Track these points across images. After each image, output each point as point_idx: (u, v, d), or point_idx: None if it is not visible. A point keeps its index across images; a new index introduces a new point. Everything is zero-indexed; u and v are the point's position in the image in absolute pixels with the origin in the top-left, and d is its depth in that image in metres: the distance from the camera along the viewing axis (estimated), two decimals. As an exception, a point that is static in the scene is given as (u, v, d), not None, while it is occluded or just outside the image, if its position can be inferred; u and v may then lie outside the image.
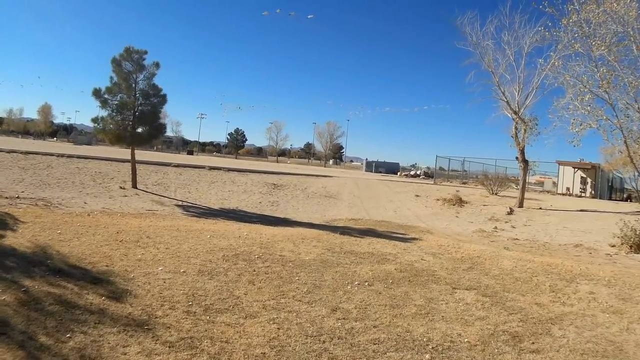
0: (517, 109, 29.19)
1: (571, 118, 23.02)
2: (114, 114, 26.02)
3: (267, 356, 7.10)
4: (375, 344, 7.72)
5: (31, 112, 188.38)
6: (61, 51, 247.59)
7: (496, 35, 29.78)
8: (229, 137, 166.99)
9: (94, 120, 26.42)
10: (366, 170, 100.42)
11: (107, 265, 11.05)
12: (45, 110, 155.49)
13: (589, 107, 21.87)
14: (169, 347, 7.16)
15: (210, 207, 24.57)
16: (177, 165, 37.66)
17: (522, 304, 10.35)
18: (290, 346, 7.48)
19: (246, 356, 7.05)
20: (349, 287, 10.88)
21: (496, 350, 7.76)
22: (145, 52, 26.00)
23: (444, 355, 7.48)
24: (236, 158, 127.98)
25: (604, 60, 21.05)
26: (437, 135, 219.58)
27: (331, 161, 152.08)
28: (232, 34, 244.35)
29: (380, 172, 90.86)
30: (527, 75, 29.29)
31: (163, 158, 47.83)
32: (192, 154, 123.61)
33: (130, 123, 26.07)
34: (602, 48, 20.34)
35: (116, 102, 25.82)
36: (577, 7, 21.16)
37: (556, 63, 24.76)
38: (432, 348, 7.71)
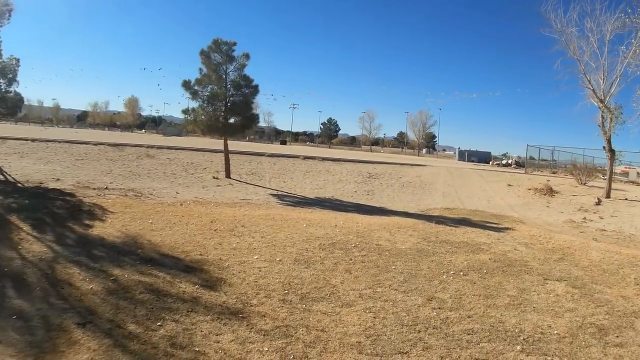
0: (602, 97, 28.01)
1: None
2: (204, 105, 26.47)
3: (363, 345, 7.16)
4: (469, 334, 7.74)
5: (117, 106, 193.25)
6: (149, 43, 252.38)
7: (579, 22, 28.68)
8: (322, 127, 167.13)
9: (185, 111, 27.00)
10: (459, 160, 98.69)
11: (200, 254, 11.21)
12: (132, 103, 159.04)
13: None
14: (264, 335, 7.24)
15: (305, 196, 24.57)
16: (271, 155, 38.05)
17: (609, 296, 10.17)
18: (385, 335, 7.53)
19: (342, 345, 7.14)
20: (444, 277, 10.83)
21: (583, 343, 7.67)
22: (234, 44, 26.22)
23: (534, 347, 7.43)
24: (329, 147, 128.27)
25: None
26: (527, 124, 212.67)
27: (424, 150, 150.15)
28: (322, 22, 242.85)
29: (473, 161, 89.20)
30: (611, 63, 27.99)
31: (256, 148, 48.38)
32: (285, 143, 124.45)
33: (222, 114, 26.46)
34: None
35: (207, 94, 26.20)
36: None
37: (637, 50, 23.75)
38: (524, 339, 7.67)
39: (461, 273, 11.19)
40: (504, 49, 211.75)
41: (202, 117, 26.37)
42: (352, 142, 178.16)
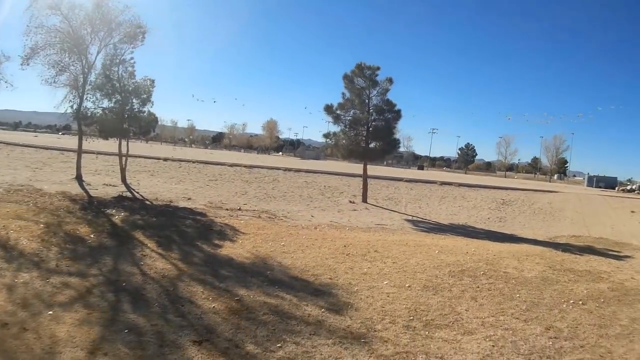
0: None
1: None
2: (346, 129, 27.07)
3: None
4: (579, 365, 7.67)
5: (255, 128, 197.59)
6: (289, 69, 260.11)
7: None
8: (459, 152, 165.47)
9: (327, 135, 27.74)
10: (587, 185, 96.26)
11: (330, 278, 11.43)
12: (271, 126, 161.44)
13: None
14: None
15: (439, 222, 24.59)
16: (409, 181, 38.85)
17: None
18: None
19: None
20: (564, 306, 10.72)
21: None
22: (378, 68, 26.66)
23: None
24: (465, 173, 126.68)
25: None
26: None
27: (555, 176, 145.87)
28: (462, 47, 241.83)
29: (600, 187, 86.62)
30: None
31: (394, 173, 49.16)
32: (422, 169, 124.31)
33: (364, 138, 26.85)
34: None
35: (349, 118, 26.81)
36: None
37: None
38: None
39: (580, 302, 11.04)
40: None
41: (344, 141, 27.01)
42: (487, 167, 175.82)
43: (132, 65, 24.32)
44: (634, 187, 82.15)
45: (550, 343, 8.50)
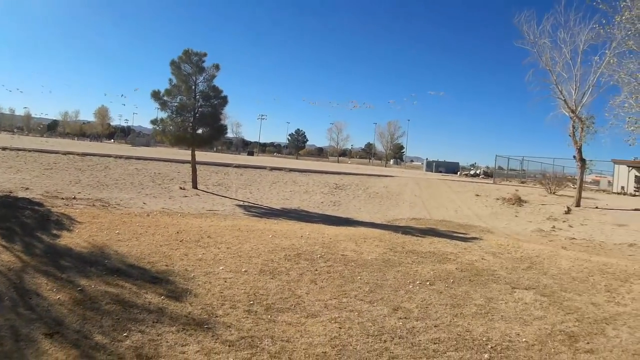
0: (574, 108, 28.61)
1: (626, 116, 22.46)
2: (173, 115, 26.46)
3: (328, 355, 7.19)
4: (435, 344, 7.78)
5: (87, 115, 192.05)
6: (119, 53, 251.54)
7: (552, 33, 29.30)
8: (289, 138, 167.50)
9: (154, 122, 27.12)
10: (426, 170, 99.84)
11: (166, 265, 11.27)
12: (102, 113, 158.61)
13: (641, 106, 21.22)
14: (229, 346, 7.28)
15: (271, 207, 24.69)
16: (238, 166, 38.16)
17: (579, 303, 10.30)
18: (351, 345, 7.56)
19: (307, 355, 7.16)
20: (410, 287, 10.91)
21: (553, 350, 7.74)
22: (205, 55, 26.32)
23: (502, 355, 7.49)
24: (297, 158, 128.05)
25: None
26: (497, 135, 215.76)
27: (392, 161, 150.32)
28: (289, 34, 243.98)
29: (441, 172, 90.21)
30: (584, 73, 28.68)
31: (224, 159, 48.27)
32: (252, 154, 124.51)
33: (191, 124, 26.48)
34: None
35: (176, 104, 26.23)
36: (630, 4, 20.50)
37: (611, 61, 24.24)
38: (491, 348, 7.73)
39: (427, 283, 11.29)
40: (477, 59, 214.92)
41: (171, 127, 26.36)
42: (319, 153, 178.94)
43: None
44: (477, 171, 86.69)
45: (401, 323, 8.59)
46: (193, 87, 26.15)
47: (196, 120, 26.36)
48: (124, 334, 7.35)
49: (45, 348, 6.75)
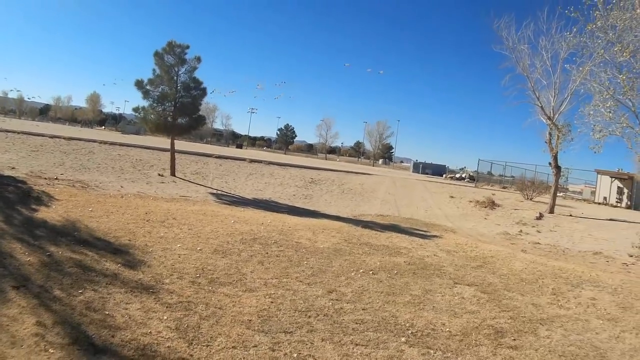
0: (551, 115, 28.77)
1: (594, 124, 22.84)
2: (155, 104, 27.04)
3: (252, 322, 7.93)
4: (357, 324, 8.34)
5: (79, 101, 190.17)
6: (112, 41, 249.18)
7: (533, 39, 29.27)
8: (278, 133, 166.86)
9: (135, 109, 27.59)
10: (414, 171, 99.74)
11: (129, 240, 12.11)
12: (94, 99, 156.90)
13: (610, 114, 21.54)
14: (167, 307, 8.20)
15: (243, 197, 25.31)
16: (219, 157, 38.54)
17: (518, 303, 10.58)
18: (277, 317, 8.26)
19: (233, 320, 7.95)
20: (352, 274, 11.45)
21: (474, 341, 8.09)
22: (187, 47, 26.95)
23: (420, 340, 7.93)
24: (285, 153, 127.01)
25: (630, 67, 20.70)
26: (484, 140, 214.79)
27: (380, 161, 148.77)
28: (280, 26, 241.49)
29: (427, 174, 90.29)
30: (563, 81, 28.81)
31: (211, 150, 48.52)
32: (241, 147, 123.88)
33: (171, 114, 27.07)
34: (626, 54, 19.91)
35: (157, 93, 26.79)
36: (603, 13, 20.80)
37: (586, 69, 24.53)
38: (411, 333, 8.19)
39: (371, 272, 11.83)
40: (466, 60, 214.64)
41: (152, 116, 26.98)
42: (309, 149, 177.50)
43: None
44: (463, 175, 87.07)
45: (330, 304, 9.23)
46: (175, 77, 26.74)
47: (176, 109, 26.96)
48: (80, 291, 8.34)
49: (11, 297, 7.77)
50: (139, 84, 26.35)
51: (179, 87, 26.92)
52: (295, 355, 7.02)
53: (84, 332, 7.03)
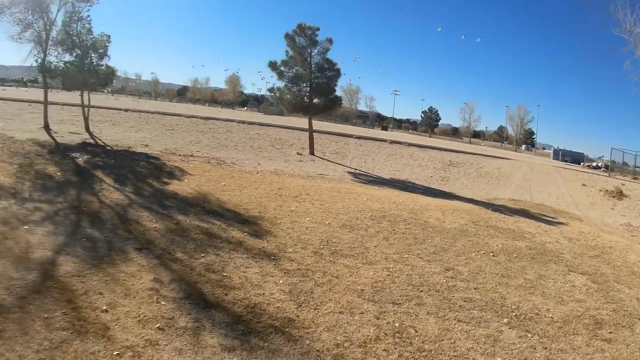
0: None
1: None
2: (290, 85, 28.28)
3: (364, 292, 8.50)
4: (465, 301, 8.67)
5: (218, 82, 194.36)
6: (252, 23, 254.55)
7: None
8: (422, 115, 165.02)
9: (271, 90, 29.18)
10: (554, 158, 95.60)
11: (259, 212, 12.98)
12: (233, 81, 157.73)
13: None
14: (285, 273, 8.92)
15: (380, 177, 25.79)
16: (359, 137, 39.31)
17: (624, 296, 10.39)
18: (389, 289, 8.78)
19: (346, 289, 8.53)
20: (473, 255, 11.70)
21: (572, 330, 8.14)
22: (318, 29, 27.69)
23: (521, 323, 8.09)
24: (430, 136, 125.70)
25: None
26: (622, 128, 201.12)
27: (523, 147, 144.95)
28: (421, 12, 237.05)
29: (566, 161, 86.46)
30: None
31: (352, 131, 48.99)
32: (386, 129, 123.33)
33: (307, 94, 28.13)
34: None
35: (291, 74, 27.96)
36: None
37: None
38: (515, 315, 8.37)
39: (491, 254, 11.98)
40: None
41: (287, 96, 28.25)
42: (454, 132, 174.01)
43: (89, 22, 25.66)
44: (599, 164, 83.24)
45: (444, 281, 9.55)
46: (308, 59, 27.64)
47: (312, 90, 27.97)
48: (202, 255, 9.26)
49: (132, 257, 8.97)
50: (273, 65, 27.68)
51: (313, 69, 27.82)
52: (397, 324, 7.44)
53: (198, 290, 7.79)
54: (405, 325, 7.45)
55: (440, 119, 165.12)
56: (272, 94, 29.83)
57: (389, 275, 9.42)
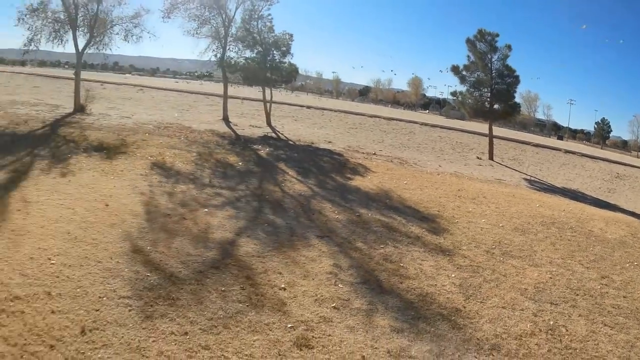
0: None
1: None
2: (471, 89, 29.05)
3: (527, 291, 9.28)
4: (614, 308, 9.12)
5: (399, 84, 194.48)
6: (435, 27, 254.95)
7: None
8: (595, 126, 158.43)
9: (453, 94, 30.24)
10: None
11: (438, 211, 13.87)
12: (416, 83, 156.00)
13: None
14: (457, 268, 9.84)
15: (553, 185, 25.77)
16: (536, 145, 39.65)
17: None
18: (549, 290, 9.48)
19: (511, 287, 9.33)
20: (627, 265, 11.84)
21: None
22: (497, 35, 28.22)
23: None
24: (602, 149, 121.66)
25: None
26: None
27: None
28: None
29: None
30: None
31: (529, 139, 49.39)
32: (562, 139, 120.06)
33: (487, 99, 28.71)
34: None
35: (473, 79, 28.73)
36: None
37: None
38: None
39: (645, 266, 12.01)
40: None
41: (469, 100, 29.10)
42: (623, 146, 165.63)
43: (270, 21, 27.47)
44: None
45: (599, 287, 9.99)
46: (489, 64, 28.18)
47: (492, 95, 28.47)
48: (381, 246, 10.30)
49: (314, 243, 10.07)
50: (455, 70, 28.66)
51: (493, 74, 28.30)
52: (551, 322, 8.13)
53: (375, 277, 8.80)
54: (559, 324, 8.09)
55: (611, 130, 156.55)
56: (455, 98, 30.54)
57: (551, 277, 10.08)
